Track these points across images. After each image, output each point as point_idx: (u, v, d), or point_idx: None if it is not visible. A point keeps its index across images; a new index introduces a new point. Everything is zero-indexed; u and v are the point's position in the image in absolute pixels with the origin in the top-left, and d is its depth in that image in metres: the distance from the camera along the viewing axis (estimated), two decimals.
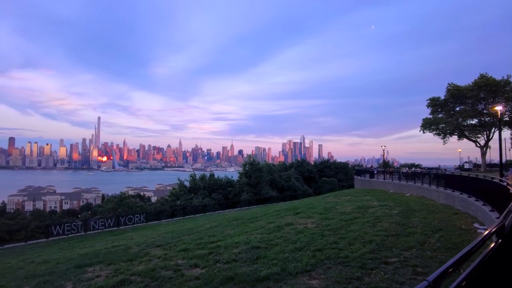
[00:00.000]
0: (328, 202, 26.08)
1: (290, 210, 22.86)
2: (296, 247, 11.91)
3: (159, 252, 13.56)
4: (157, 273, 10.06)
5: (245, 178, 55.64)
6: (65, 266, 13.06)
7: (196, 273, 9.80)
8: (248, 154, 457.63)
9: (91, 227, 35.09)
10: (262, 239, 13.64)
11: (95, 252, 16.56)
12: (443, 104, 55.77)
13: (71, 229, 33.56)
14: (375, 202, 24.36)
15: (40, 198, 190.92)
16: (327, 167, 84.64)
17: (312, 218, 18.07)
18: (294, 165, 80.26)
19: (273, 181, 59.95)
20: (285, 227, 16.06)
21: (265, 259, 10.74)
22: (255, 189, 53.72)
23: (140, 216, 38.42)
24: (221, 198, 53.42)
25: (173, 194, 58.29)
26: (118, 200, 55.06)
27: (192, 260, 11.19)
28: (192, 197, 51.83)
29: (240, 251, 11.83)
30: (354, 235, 13.40)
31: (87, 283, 9.99)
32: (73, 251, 20.19)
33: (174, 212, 43.93)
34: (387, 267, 9.46)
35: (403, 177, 35.62)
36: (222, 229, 18.47)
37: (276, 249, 11.87)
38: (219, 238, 15.10)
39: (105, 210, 57.32)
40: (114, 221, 36.50)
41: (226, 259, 11.01)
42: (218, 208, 47.64)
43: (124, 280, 9.68)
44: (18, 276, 12.57)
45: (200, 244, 13.91)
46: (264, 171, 57.18)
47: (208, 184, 57.23)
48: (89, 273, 11.24)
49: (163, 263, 11.33)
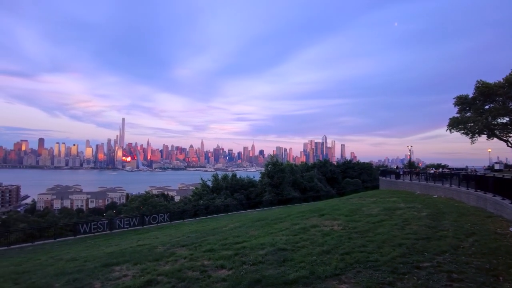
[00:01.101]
0: (353, 204, 25.58)
1: (314, 211, 22.52)
2: (323, 249, 11.66)
3: (185, 252, 13.56)
4: (183, 274, 10.01)
5: (267, 178, 55.45)
6: (93, 264, 13.20)
7: (223, 275, 9.70)
8: (270, 154, 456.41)
9: (116, 225, 35.75)
10: (288, 240, 13.44)
11: (121, 251, 16.71)
12: (471, 102, 53.80)
13: (97, 228, 34.33)
14: (402, 203, 23.72)
15: (68, 197, 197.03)
16: (351, 167, 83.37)
17: (338, 220, 17.72)
18: (317, 165, 79.43)
19: (295, 181, 59.52)
20: (310, 229, 15.80)
21: (292, 261, 10.54)
22: (277, 190, 53.45)
23: (164, 215, 38.85)
24: (243, 198, 53.44)
25: (196, 193, 58.75)
26: (142, 199, 56.04)
27: (218, 261, 11.11)
28: (215, 197, 52.07)
29: (266, 253, 11.66)
30: (383, 238, 13.02)
31: (114, 282, 10.03)
32: (100, 249, 20.52)
33: (197, 212, 44.24)
34: (420, 272, 9.10)
35: (430, 178, 34.60)
36: (246, 230, 18.36)
37: (303, 251, 11.64)
38: (244, 239, 14.99)
39: (129, 209, 58.46)
40: (139, 220, 37.06)
41: (252, 260, 10.85)
42: (240, 208, 47.70)
43: (151, 280, 9.68)
44: (48, 273, 12.77)
45: (225, 245, 13.84)
46: (287, 171, 56.81)
47: (230, 184, 57.35)
48: (116, 272, 11.31)
49: (189, 263, 11.29)
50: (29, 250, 26.62)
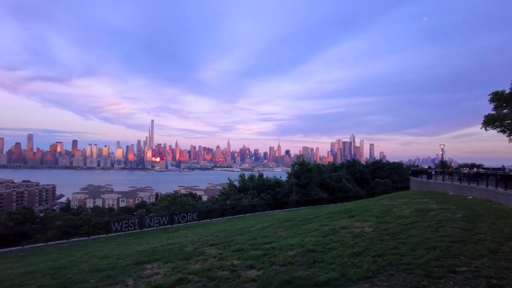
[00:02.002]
0: (384, 205, 24.97)
1: (343, 212, 22.17)
2: (354, 251, 11.40)
3: (214, 251, 13.65)
4: (213, 273, 10.05)
5: (294, 179, 55.12)
6: (125, 262, 13.46)
7: (253, 275, 9.66)
8: (296, 154, 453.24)
9: (146, 224, 36.51)
10: (318, 242, 13.25)
11: (152, 249, 17.01)
12: (508, 98, 51.14)
13: (128, 226, 35.24)
14: (434, 205, 22.93)
15: (100, 196, 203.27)
16: (380, 167, 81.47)
17: (369, 222, 17.33)
18: (345, 165, 78.16)
19: (323, 182, 58.83)
20: (340, 230, 15.53)
21: (322, 263, 10.36)
22: (305, 190, 53.01)
23: (193, 214, 39.38)
24: (270, 198, 53.36)
25: (223, 193, 59.20)
26: (171, 198, 56.99)
27: (247, 261, 11.09)
28: (242, 197, 52.28)
29: (296, 254, 11.54)
30: (416, 240, 12.59)
31: (146, 280, 10.18)
32: (131, 248, 20.98)
33: (224, 211, 44.55)
34: (457, 276, 8.70)
35: (464, 178, 33.27)
36: (274, 230, 18.28)
37: (333, 253, 11.44)
38: (272, 239, 14.93)
39: (159, 208, 59.75)
40: (168, 219, 37.76)
41: (281, 261, 10.75)
42: (267, 208, 47.63)
43: (182, 279, 9.76)
44: (83, 269, 13.13)
45: (254, 245, 13.81)
46: (314, 171, 56.24)
47: (256, 184, 57.41)
48: (147, 270, 11.49)
49: (219, 263, 11.33)
50: (65, 246, 27.61)
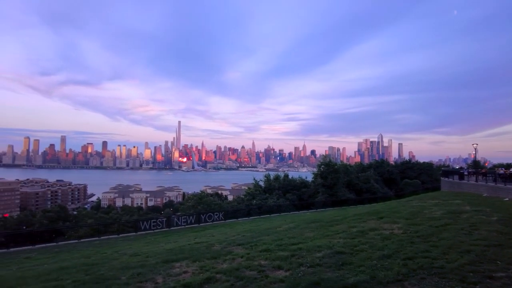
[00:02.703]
0: (414, 206, 24.28)
1: (371, 214, 21.72)
2: (383, 254, 11.15)
3: (241, 251, 13.70)
4: (241, 273, 10.09)
5: (320, 179, 54.48)
6: (154, 260, 13.71)
7: (280, 275, 9.63)
8: (322, 154, 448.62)
9: (174, 223, 37.05)
10: (346, 243, 13.05)
11: (180, 248, 17.23)
12: None
13: (157, 225, 35.89)
14: (467, 206, 22.08)
15: (129, 195, 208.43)
16: (409, 167, 79.42)
17: (398, 223, 16.90)
18: (373, 165, 76.63)
19: (350, 182, 57.89)
20: (369, 232, 15.21)
21: (351, 265, 10.19)
22: (331, 191, 52.28)
23: (219, 214, 39.70)
24: (296, 199, 53.01)
25: (248, 193, 59.36)
26: (198, 198, 57.69)
27: (275, 262, 11.05)
28: (267, 197, 52.22)
29: (324, 255, 11.41)
30: (448, 244, 12.16)
31: (175, 278, 10.33)
32: (159, 246, 21.36)
33: (250, 211, 44.63)
34: (493, 282, 8.31)
35: (499, 179, 31.79)
36: (301, 231, 18.14)
37: (362, 255, 11.23)
38: (299, 240, 14.82)
39: (186, 208, 60.57)
40: (195, 218, 38.24)
41: (309, 262, 10.66)
42: (293, 209, 47.33)
43: (210, 278, 9.85)
44: (114, 266, 13.48)
45: (281, 246, 13.75)
46: (341, 172, 55.40)
47: (282, 184, 57.20)
48: (176, 268, 11.65)
49: (246, 262, 11.37)
50: (96, 244, 28.42)
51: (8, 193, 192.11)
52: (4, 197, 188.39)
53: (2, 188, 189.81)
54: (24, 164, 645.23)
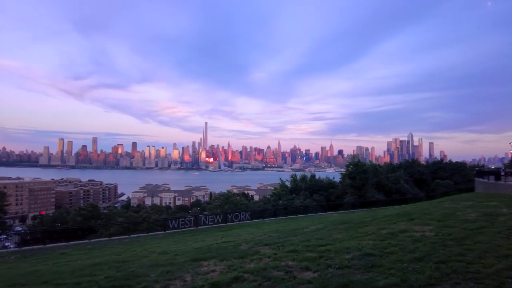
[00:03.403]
0: (446, 208, 23.40)
1: (402, 215, 21.11)
2: (415, 256, 10.76)
3: (268, 251, 13.65)
4: (269, 273, 10.04)
5: (348, 180, 53.64)
6: (183, 258, 13.89)
7: (308, 277, 9.51)
8: (350, 154, 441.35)
9: (201, 222, 37.50)
10: (375, 245, 12.72)
11: (208, 247, 17.40)
12: None
13: (185, 224, 36.39)
14: (504, 209, 21.01)
15: (157, 195, 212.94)
16: (441, 168, 76.79)
17: (430, 225, 16.33)
18: (403, 165, 74.73)
19: (379, 183, 56.63)
20: (399, 234, 14.77)
21: (381, 267, 9.89)
22: (360, 192, 51.35)
23: (246, 214, 39.85)
24: (323, 200, 52.44)
25: (275, 194, 59.32)
26: (225, 198, 58.21)
27: (302, 263, 10.93)
28: (294, 198, 51.98)
29: (352, 257, 11.17)
30: (484, 247, 11.57)
31: (203, 276, 10.42)
32: (187, 244, 21.68)
33: (277, 212, 44.55)
34: None
35: None
36: (329, 232, 17.89)
37: (392, 257, 10.90)
38: (327, 241, 14.59)
39: (213, 207, 61.21)
40: (222, 217, 38.55)
41: (338, 264, 10.45)
42: (320, 210, 46.82)
43: (238, 277, 9.86)
44: (144, 263, 13.77)
45: (309, 247, 13.60)
46: (369, 172, 54.31)
47: (309, 185, 56.77)
48: (204, 267, 11.74)
49: (274, 263, 11.30)
50: (126, 242, 29.18)
51: (44, 192, 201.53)
52: (41, 195, 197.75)
53: (39, 187, 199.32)
54: (58, 165, 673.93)
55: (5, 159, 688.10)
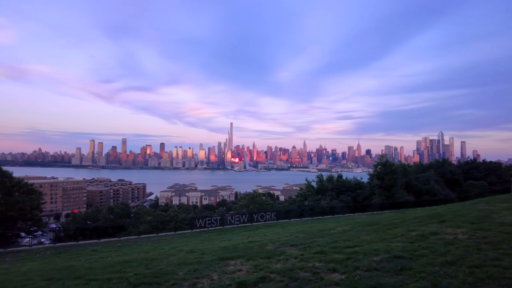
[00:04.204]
0: (480, 210, 22.53)
1: (432, 217, 20.46)
2: (446, 260, 10.38)
3: (295, 252, 13.58)
4: (295, 274, 9.98)
5: (376, 180, 52.57)
6: (210, 257, 14.02)
7: (336, 278, 9.38)
8: (378, 154, 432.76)
9: (227, 221, 37.74)
10: (405, 248, 12.38)
11: (234, 246, 17.49)
12: None
13: (211, 223, 36.74)
14: None
15: (185, 194, 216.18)
16: (474, 168, 73.79)
17: (462, 228, 15.74)
18: (433, 165, 72.37)
19: (408, 183, 55.14)
20: (430, 236, 14.32)
21: (410, 270, 9.59)
22: (388, 193, 50.15)
23: (271, 214, 39.82)
24: (350, 201, 51.66)
25: (300, 194, 58.96)
26: (250, 197, 58.43)
27: (329, 264, 10.80)
28: (320, 198, 51.50)
29: (381, 259, 10.92)
30: None
31: (230, 276, 10.48)
32: (214, 244, 21.87)
33: (302, 212, 44.24)
34: None
35: None
36: (356, 234, 17.60)
37: (422, 260, 10.57)
38: (355, 243, 14.35)
39: (238, 207, 61.59)
40: (248, 217, 38.68)
41: (366, 266, 10.25)
42: (347, 211, 46.14)
43: (264, 277, 9.85)
44: (172, 262, 14.00)
45: (336, 248, 13.42)
46: (398, 172, 52.92)
47: (335, 185, 56.07)
48: (231, 266, 11.82)
49: (300, 264, 11.23)
50: (154, 240, 29.78)
51: (77, 191, 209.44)
52: (73, 194, 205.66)
53: (72, 187, 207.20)
54: (90, 165, 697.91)
55: (41, 159, 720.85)
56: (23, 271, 16.03)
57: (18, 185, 40.28)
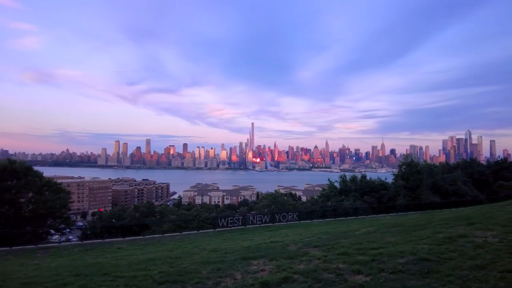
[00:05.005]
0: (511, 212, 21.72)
1: (460, 219, 19.84)
2: (476, 264, 10.02)
3: (318, 253, 13.48)
4: (319, 275, 9.91)
5: (401, 181, 51.45)
6: (233, 256, 14.13)
7: (360, 280, 9.24)
8: (402, 154, 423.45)
9: (249, 221, 37.77)
10: (431, 250, 12.04)
11: (257, 246, 17.54)
12: None
13: (233, 222, 36.85)
14: None
15: (207, 194, 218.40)
16: (505, 167, 71.16)
17: (493, 231, 15.16)
18: (460, 165, 70.27)
19: (434, 184, 53.70)
20: (457, 239, 13.86)
21: (438, 274, 9.34)
22: (414, 193, 48.97)
23: (293, 214, 39.60)
24: (374, 202, 50.75)
25: (323, 194, 58.33)
26: (272, 198, 58.31)
27: (353, 266, 10.64)
28: (343, 199, 50.84)
29: (407, 262, 10.67)
30: None
31: (253, 275, 10.52)
32: (236, 243, 22.00)
33: (325, 213, 43.79)
34: None
35: None
36: (381, 235, 17.28)
37: (450, 264, 10.27)
38: (379, 245, 14.07)
39: (260, 207, 61.65)
40: (270, 217, 38.60)
41: (391, 268, 10.04)
42: (371, 212, 45.31)
43: (287, 278, 9.83)
44: (195, 260, 14.19)
45: (360, 250, 13.20)
46: (424, 172, 51.60)
47: (359, 186, 55.23)
48: (254, 266, 11.87)
49: (324, 265, 11.13)
50: (178, 238, 30.20)
51: (103, 190, 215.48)
52: (99, 194, 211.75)
53: (98, 186, 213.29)
54: (115, 165, 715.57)
55: (69, 160, 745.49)
56: (53, 266, 16.63)
57: (48, 185, 41.70)
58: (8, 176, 38.49)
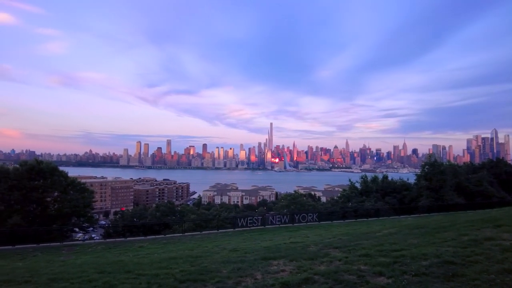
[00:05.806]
0: None
1: (486, 221, 19.23)
2: (504, 268, 9.65)
3: (339, 254, 13.34)
4: (340, 276, 9.80)
5: (424, 181, 50.36)
6: (253, 256, 14.17)
7: (382, 282, 9.07)
8: (425, 153, 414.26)
9: (269, 221, 37.80)
10: (456, 253, 11.73)
11: (276, 246, 17.54)
12: None
13: (253, 222, 36.97)
14: None
15: (226, 194, 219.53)
16: None
17: None
18: (486, 165, 68.07)
19: (458, 185, 52.28)
20: (484, 241, 13.43)
21: (463, 277, 9.06)
22: (437, 194, 47.81)
23: (313, 215, 39.38)
24: (396, 203, 49.89)
25: (343, 195, 57.82)
26: (291, 198, 58.15)
27: (375, 267, 10.47)
28: (364, 200, 50.22)
29: (430, 264, 10.43)
30: None
31: (273, 275, 10.50)
32: (256, 243, 22.06)
33: (346, 214, 43.36)
34: None
35: None
36: (403, 237, 16.95)
37: (476, 267, 9.96)
38: (402, 246, 13.80)
39: (279, 207, 61.60)
40: (289, 218, 38.54)
41: (414, 271, 9.81)
42: (392, 213, 44.56)
43: (308, 279, 9.77)
44: (216, 259, 14.32)
45: (382, 251, 12.97)
46: (448, 173, 50.35)
47: (380, 186, 54.44)
48: (274, 266, 11.86)
49: (345, 266, 11.01)
50: (198, 238, 30.53)
51: (124, 190, 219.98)
52: (121, 193, 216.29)
53: (120, 186, 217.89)
54: (136, 165, 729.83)
55: (91, 160, 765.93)
56: (78, 263, 17.14)
57: (72, 184, 42.95)
58: (35, 176, 39.94)
